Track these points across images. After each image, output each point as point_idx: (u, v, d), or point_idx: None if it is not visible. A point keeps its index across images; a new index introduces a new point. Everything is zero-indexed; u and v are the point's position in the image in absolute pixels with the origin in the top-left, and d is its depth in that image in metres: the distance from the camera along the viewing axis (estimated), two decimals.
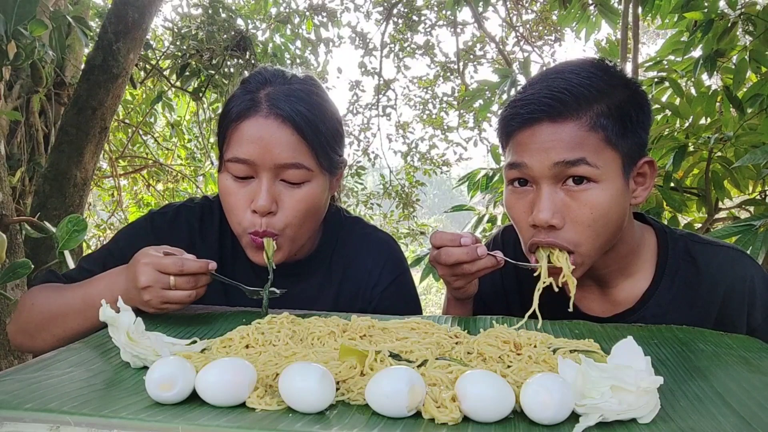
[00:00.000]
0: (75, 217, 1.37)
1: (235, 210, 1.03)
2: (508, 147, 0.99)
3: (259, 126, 0.99)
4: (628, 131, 0.93)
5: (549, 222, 0.92)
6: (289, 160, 0.99)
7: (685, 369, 0.75)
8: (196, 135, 5.48)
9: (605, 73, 0.95)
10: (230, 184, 1.02)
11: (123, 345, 0.72)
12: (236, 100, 1.03)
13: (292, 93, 1.02)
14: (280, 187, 1.01)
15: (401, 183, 7.61)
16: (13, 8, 1.40)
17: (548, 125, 0.92)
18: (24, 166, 3.28)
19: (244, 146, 0.99)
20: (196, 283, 0.93)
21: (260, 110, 1.00)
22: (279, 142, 0.99)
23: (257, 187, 1.00)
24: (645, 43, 8.72)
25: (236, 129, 1.01)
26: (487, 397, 0.57)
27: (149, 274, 0.90)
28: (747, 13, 2.20)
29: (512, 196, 0.99)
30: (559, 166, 0.91)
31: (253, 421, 0.56)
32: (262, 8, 5.44)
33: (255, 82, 1.04)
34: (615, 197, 0.93)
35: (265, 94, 1.01)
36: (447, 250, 0.94)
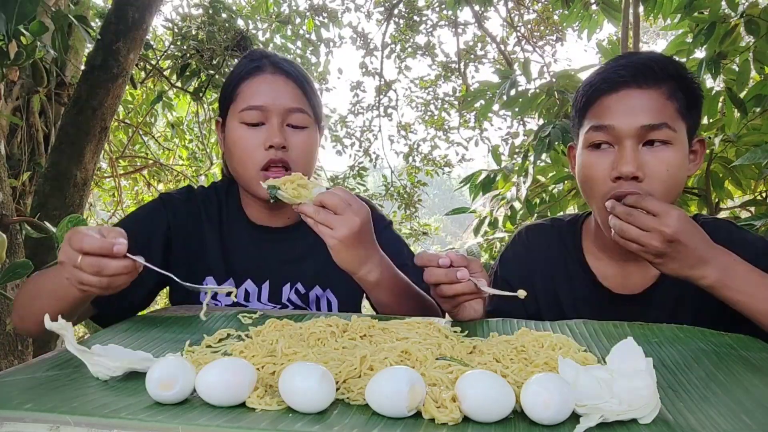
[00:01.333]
0: (75, 217, 1.37)
1: (249, 151, 1.15)
2: (590, 112, 1.08)
3: (267, 80, 1.18)
4: (692, 107, 1.06)
5: (634, 173, 1.01)
6: (295, 104, 1.17)
7: (685, 369, 0.75)
8: (197, 135, 5.48)
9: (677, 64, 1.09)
10: (243, 131, 1.17)
11: (78, 355, 0.69)
12: (241, 67, 1.21)
13: (289, 61, 1.24)
14: (288, 130, 1.17)
15: (403, 184, 7.61)
16: (13, 8, 1.40)
17: (635, 90, 1.03)
18: (24, 166, 3.28)
19: (256, 96, 1.16)
20: (100, 269, 0.86)
21: (266, 70, 1.19)
22: (286, 91, 1.18)
23: (270, 129, 1.15)
24: (646, 42, 8.71)
25: (246, 85, 1.18)
26: (487, 397, 0.57)
27: (64, 249, 0.88)
28: (749, 15, 2.20)
29: (592, 156, 1.07)
30: (644, 128, 1.02)
31: (253, 421, 0.56)
32: (263, 8, 5.44)
33: (254, 55, 1.23)
34: (683, 162, 1.05)
35: (267, 60, 1.21)
36: (430, 269, 0.98)
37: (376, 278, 1.03)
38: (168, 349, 0.82)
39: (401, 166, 8.05)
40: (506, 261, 1.26)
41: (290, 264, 1.25)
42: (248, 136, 1.16)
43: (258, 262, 1.23)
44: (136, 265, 0.89)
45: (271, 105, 1.15)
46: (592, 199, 1.09)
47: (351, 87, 7.68)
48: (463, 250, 2.60)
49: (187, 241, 1.23)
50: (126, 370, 0.68)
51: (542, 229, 1.26)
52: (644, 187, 1.01)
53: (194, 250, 1.23)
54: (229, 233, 1.26)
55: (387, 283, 1.06)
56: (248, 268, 1.21)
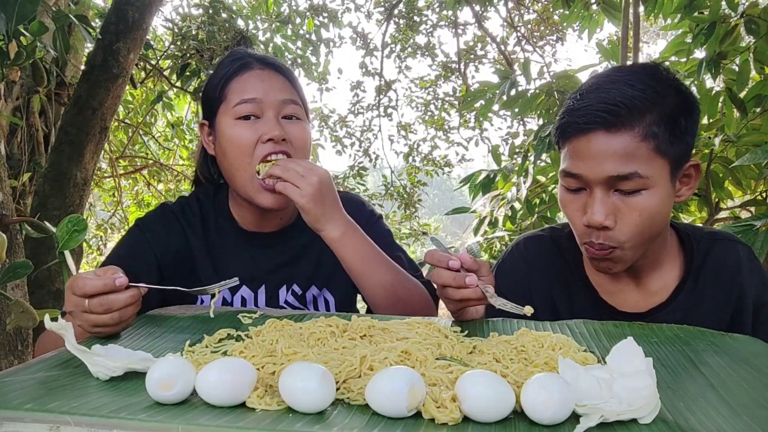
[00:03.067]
0: (75, 217, 1.36)
1: (248, 146, 1.12)
2: (564, 151, 1.05)
3: (257, 75, 1.16)
4: (677, 138, 0.98)
5: (602, 224, 0.99)
6: (288, 96, 1.16)
7: (685, 369, 0.75)
8: (197, 135, 5.48)
9: (658, 82, 0.99)
10: (239, 127, 1.13)
11: (78, 355, 0.70)
12: (225, 67, 1.18)
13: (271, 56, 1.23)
14: (284, 123, 1.15)
15: (403, 184, 7.61)
16: (13, 8, 1.40)
17: (603, 135, 0.97)
18: (24, 166, 3.28)
19: (248, 90, 1.14)
20: (110, 306, 0.85)
21: (253, 66, 1.17)
22: (277, 84, 1.16)
23: (266, 123, 1.13)
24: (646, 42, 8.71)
25: (235, 82, 1.16)
26: (487, 397, 0.57)
27: (69, 298, 0.88)
28: (749, 15, 2.20)
29: (567, 197, 1.06)
30: (612, 178, 0.97)
31: (253, 421, 0.56)
32: (263, 8, 5.43)
33: (237, 54, 1.21)
34: (662, 201, 1.00)
35: (252, 57, 1.19)
36: (438, 270, 0.97)
37: (341, 233, 1.10)
38: (168, 349, 0.82)
39: (401, 166, 8.05)
40: (503, 272, 1.22)
41: (285, 267, 1.23)
42: (244, 131, 1.13)
43: (251, 269, 1.21)
44: (140, 292, 0.90)
45: (265, 97, 1.13)
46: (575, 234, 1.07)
47: (351, 87, 7.67)
48: (463, 249, 2.60)
49: (176, 259, 1.19)
50: (126, 370, 0.68)
51: (541, 240, 1.23)
52: (614, 235, 0.99)
53: (183, 266, 1.20)
54: (219, 242, 1.22)
55: (351, 241, 1.11)
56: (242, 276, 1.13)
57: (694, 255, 1.13)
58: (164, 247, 1.19)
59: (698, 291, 1.11)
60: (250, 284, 1.21)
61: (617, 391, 0.60)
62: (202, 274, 1.19)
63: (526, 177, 2.68)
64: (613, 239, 1.00)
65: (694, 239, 1.15)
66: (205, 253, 1.20)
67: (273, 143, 1.11)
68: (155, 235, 1.19)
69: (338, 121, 7.79)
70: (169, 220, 1.22)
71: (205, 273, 1.20)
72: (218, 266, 1.20)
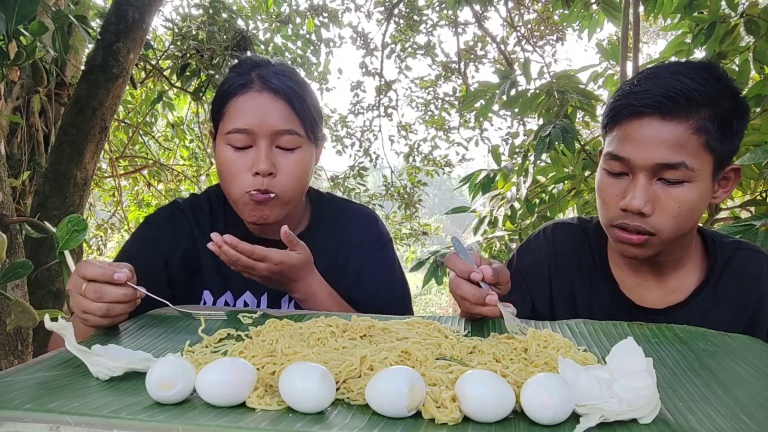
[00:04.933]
0: (75, 217, 1.36)
1: (236, 175, 1.10)
2: (613, 134, 1.05)
3: (254, 99, 1.10)
4: (726, 138, 1.00)
5: (641, 209, 1.00)
6: (284, 126, 1.10)
7: (685, 369, 0.75)
8: (197, 135, 5.49)
9: (717, 81, 1.00)
10: (230, 154, 1.11)
11: (78, 355, 0.70)
12: (229, 81, 1.14)
13: (279, 71, 1.14)
14: (276, 153, 1.11)
15: (403, 184, 7.61)
16: (13, 8, 1.40)
17: (657, 121, 0.98)
18: (24, 166, 3.28)
19: (242, 117, 1.09)
20: (102, 296, 0.88)
21: (253, 86, 1.11)
22: (274, 112, 1.10)
23: (257, 154, 1.09)
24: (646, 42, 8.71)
25: (233, 104, 1.11)
26: (487, 397, 0.57)
27: (72, 278, 0.91)
28: (749, 15, 2.20)
29: (607, 180, 1.06)
30: (659, 166, 0.98)
31: (253, 421, 0.56)
32: (263, 8, 5.43)
33: (245, 66, 1.15)
34: (701, 196, 1.01)
35: (255, 74, 1.12)
36: (457, 280, 0.97)
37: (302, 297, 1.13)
38: (168, 349, 0.82)
39: (401, 166, 8.04)
40: (527, 253, 1.25)
41: None
42: (235, 160, 1.11)
43: None
44: (135, 294, 0.92)
45: (257, 127, 1.09)
46: (603, 217, 1.09)
47: (351, 87, 7.67)
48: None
49: (183, 259, 1.19)
50: (126, 370, 0.68)
51: (570, 229, 1.24)
52: (651, 222, 1.01)
53: (189, 265, 1.19)
54: None
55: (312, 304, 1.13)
56: (246, 281, 1.14)
57: (717, 260, 1.14)
58: (172, 246, 1.18)
59: (717, 295, 1.12)
60: (254, 290, 1.20)
61: (617, 391, 0.60)
62: (207, 276, 1.19)
63: (526, 177, 2.68)
64: (650, 225, 1.01)
65: (718, 245, 1.16)
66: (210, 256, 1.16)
67: (260, 177, 1.09)
68: (164, 235, 1.19)
69: (338, 121, 7.79)
70: (178, 220, 1.22)
71: (210, 275, 1.19)
72: (222, 269, 1.17)
